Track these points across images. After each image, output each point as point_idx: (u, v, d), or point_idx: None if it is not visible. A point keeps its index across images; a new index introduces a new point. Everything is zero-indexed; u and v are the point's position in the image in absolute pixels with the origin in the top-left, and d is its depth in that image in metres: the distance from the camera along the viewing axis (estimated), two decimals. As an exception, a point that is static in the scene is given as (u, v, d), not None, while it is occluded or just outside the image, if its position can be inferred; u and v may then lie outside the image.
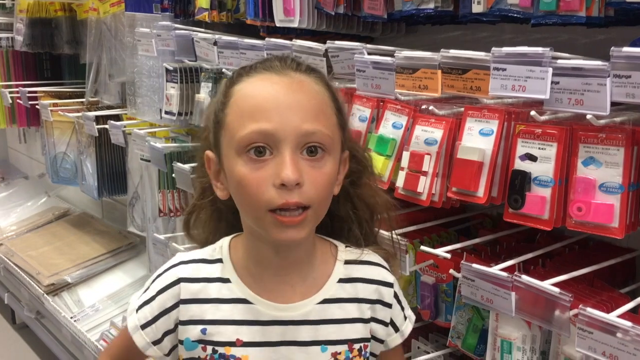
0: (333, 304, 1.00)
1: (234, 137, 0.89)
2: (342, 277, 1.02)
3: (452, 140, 1.26)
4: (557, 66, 1.02)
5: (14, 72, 3.54)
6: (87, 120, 2.65)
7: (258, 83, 0.92)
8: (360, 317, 1.02)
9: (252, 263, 0.99)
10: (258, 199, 0.88)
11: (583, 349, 1.04)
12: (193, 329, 0.97)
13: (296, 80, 0.92)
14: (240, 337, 0.97)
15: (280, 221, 0.88)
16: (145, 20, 2.22)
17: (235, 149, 0.89)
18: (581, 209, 1.06)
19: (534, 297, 1.12)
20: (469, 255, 1.34)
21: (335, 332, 0.99)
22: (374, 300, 1.03)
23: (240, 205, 0.94)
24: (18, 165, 4.75)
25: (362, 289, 1.02)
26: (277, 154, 0.87)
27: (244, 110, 0.90)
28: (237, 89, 0.93)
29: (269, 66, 0.94)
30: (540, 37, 1.51)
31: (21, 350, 3.31)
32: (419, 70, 1.25)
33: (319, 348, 0.98)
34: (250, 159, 0.88)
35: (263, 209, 0.88)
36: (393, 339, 1.08)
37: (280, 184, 0.86)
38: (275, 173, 0.87)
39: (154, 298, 0.99)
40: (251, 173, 0.88)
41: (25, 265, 3.17)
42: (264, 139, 0.87)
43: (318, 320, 0.99)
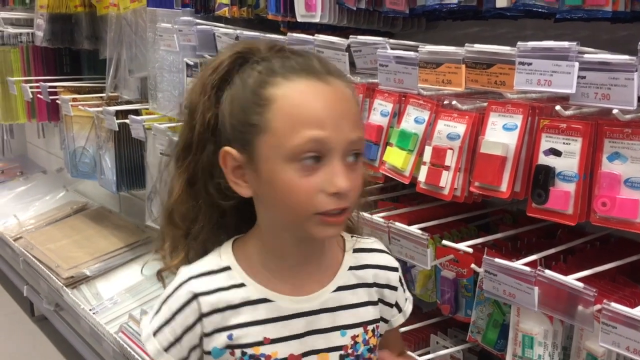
0: (346, 291, 1.03)
1: (284, 144, 0.89)
2: (352, 265, 1.06)
3: (474, 135, 1.26)
4: (583, 60, 1.02)
5: (34, 67, 3.57)
6: (108, 115, 2.68)
7: (306, 90, 0.91)
8: (370, 300, 1.06)
9: (269, 259, 1.00)
10: (307, 204, 0.90)
11: (607, 343, 1.04)
12: (219, 337, 0.98)
13: (338, 87, 0.94)
14: (267, 335, 0.98)
15: (326, 222, 0.91)
16: (166, 15, 2.23)
17: (286, 156, 0.89)
18: (606, 204, 1.06)
19: (556, 292, 1.12)
20: (490, 250, 1.34)
21: (352, 317, 1.03)
22: (382, 284, 1.08)
23: (280, 207, 0.94)
24: (36, 159, 4.80)
25: (369, 275, 1.07)
26: (327, 162, 0.89)
27: (296, 118, 0.89)
28: (279, 93, 0.91)
29: (308, 68, 0.93)
30: (561, 34, 1.50)
31: (40, 342, 3.35)
32: (443, 64, 1.25)
33: (339, 333, 1.02)
34: (303, 167, 0.89)
35: (310, 212, 0.90)
36: (397, 319, 1.13)
37: (334, 193, 0.89)
38: (328, 181, 0.89)
39: (172, 318, 0.98)
40: (301, 180, 0.89)
41: (44, 258, 3.20)
42: (318, 147, 0.89)
43: (335, 307, 1.02)
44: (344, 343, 1.02)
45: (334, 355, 1.01)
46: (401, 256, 1.40)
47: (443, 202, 1.37)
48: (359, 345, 1.03)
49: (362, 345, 1.03)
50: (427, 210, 1.59)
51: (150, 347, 1.00)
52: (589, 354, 1.18)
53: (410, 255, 1.39)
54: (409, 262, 1.42)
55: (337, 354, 1.01)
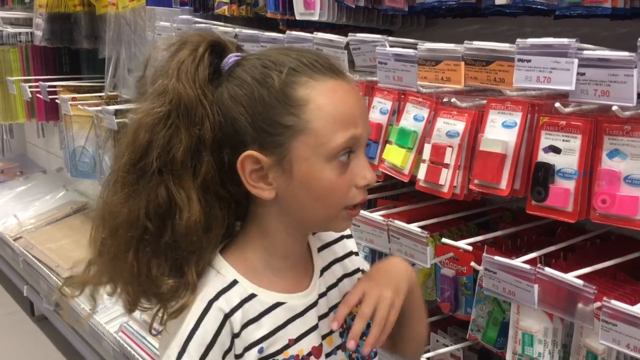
0: (326, 271, 1.08)
1: (325, 144, 0.89)
2: (319, 245, 1.09)
3: (474, 132, 1.26)
4: (583, 57, 1.02)
5: (33, 66, 3.57)
6: (107, 114, 2.67)
7: (335, 89, 0.92)
8: (345, 272, 1.10)
9: (274, 259, 0.99)
10: (343, 199, 0.93)
11: (607, 341, 1.04)
12: (249, 355, 0.95)
13: (353, 84, 0.97)
14: (290, 336, 0.99)
15: (352, 215, 0.96)
16: (165, 14, 2.23)
17: (327, 155, 0.90)
18: (605, 201, 1.06)
19: (556, 289, 1.12)
20: (490, 248, 1.34)
21: (338, 294, 1.07)
22: (348, 253, 1.12)
23: (311, 206, 0.93)
24: (36, 159, 4.80)
25: (337, 249, 1.11)
26: (354, 157, 0.93)
27: (336, 118, 0.90)
28: (311, 95, 0.90)
29: (328, 67, 0.93)
30: (560, 31, 1.50)
31: (40, 342, 3.35)
32: (442, 62, 1.25)
33: (333, 313, 1.05)
34: (339, 164, 0.91)
35: (341, 207, 0.94)
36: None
37: (365, 185, 0.93)
38: (359, 174, 0.92)
39: (210, 348, 0.91)
40: (339, 178, 0.92)
41: (44, 258, 3.20)
42: (353, 143, 0.92)
43: (325, 291, 1.06)
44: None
45: (335, 334, 1.05)
46: (401, 254, 1.40)
47: (442, 200, 1.37)
48: (349, 320, 1.04)
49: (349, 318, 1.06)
50: (426, 208, 1.59)
51: None
52: (589, 352, 1.18)
53: (409, 254, 1.39)
54: (409, 260, 1.42)
55: (337, 333, 1.05)
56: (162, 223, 0.91)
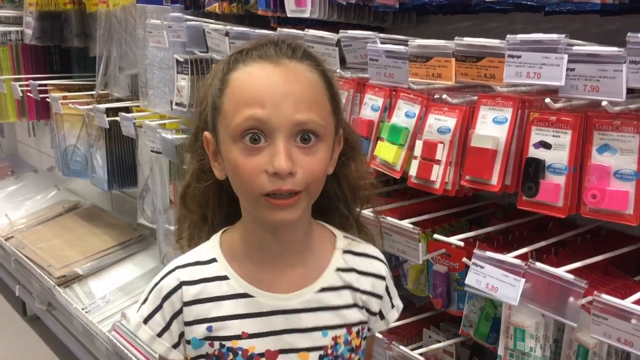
0: (331, 292, 1.04)
1: (229, 124, 0.92)
2: (340, 266, 1.05)
3: (465, 128, 1.26)
4: (572, 53, 1.02)
5: (23, 65, 3.55)
6: (98, 112, 2.66)
7: (254, 72, 0.93)
8: (355, 303, 1.06)
9: (251, 249, 1.01)
10: (252, 184, 0.91)
11: (598, 335, 1.05)
12: (198, 328, 1.00)
13: (291, 69, 0.93)
14: (245, 330, 0.99)
15: (272, 204, 0.92)
16: (155, 12, 2.22)
17: (231, 135, 0.92)
18: (596, 196, 1.06)
19: (547, 284, 1.12)
20: (481, 243, 1.34)
21: (335, 318, 1.03)
22: (367, 292, 1.07)
23: (236, 188, 0.98)
24: (27, 158, 4.78)
25: (356, 279, 1.06)
26: (271, 143, 0.90)
27: (239, 99, 0.92)
28: (233, 77, 0.94)
29: (264, 54, 0.95)
30: (551, 27, 1.51)
31: (33, 341, 3.34)
32: (433, 58, 1.25)
33: (320, 333, 1.02)
34: (245, 146, 0.91)
35: (257, 194, 0.92)
36: (378, 326, 1.13)
37: (273, 173, 0.89)
38: (269, 161, 0.90)
39: (161, 306, 1.01)
40: (245, 160, 0.91)
41: (36, 258, 3.19)
42: (258, 125, 0.90)
43: (317, 308, 1.02)
44: (325, 343, 1.02)
45: (314, 354, 1.02)
46: (393, 251, 1.40)
47: (434, 196, 1.37)
48: (340, 346, 1.04)
49: (343, 346, 1.04)
50: (418, 205, 1.59)
51: (143, 334, 1.02)
52: (581, 346, 1.18)
53: (401, 250, 1.39)
54: (401, 256, 1.42)
55: (317, 354, 1.02)
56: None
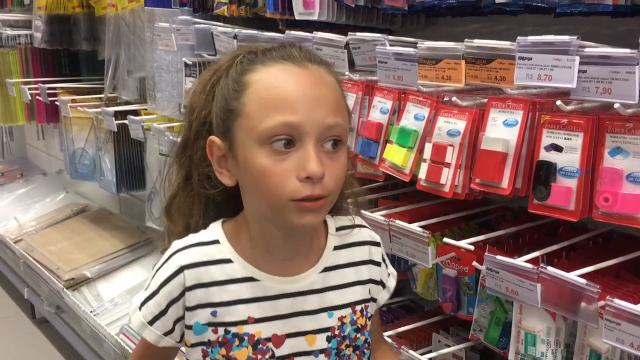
0: (332, 271, 1.04)
1: (256, 127, 0.89)
2: (337, 244, 1.06)
3: (475, 131, 1.25)
4: (584, 54, 1.01)
5: (32, 69, 3.56)
6: (107, 115, 2.67)
7: (280, 74, 0.91)
8: (358, 279, 1.06)
9: (257, 248, 1.00)
10: (281, 190, 0.89)
11: (611, 340, 1.03)
12: (202, 313, 0.98)
13: (315, 72, 0.93)
14: (251, 314, 0.98)
15: (301, 208, 0.90)
16: (164, 15, 2.22)
17: (258, 139, 0.89)
18: (608, 200, 1.05)
19: (559, 288, 1.11)
20: (492, 247, 1.33)
21: (339, 298, 1.03)
22: (366, 260, 1.07)
23: (256, 194, 0.94)
24: (36, 161, 4.80)
25: (356, 252, 1.07)
26: (301, 147, 0.89)
27: (268, 101, 0.90)
28: (254, 78, 0.92)
29: (286, 55, 0.94)
30: (561, 29, 1.49)
31: (41, 344, 3.34)
32: (442, 60, 1.24)
33: (326, 314, 1.02)
34: (274, 151, 0.89)
35: (286, 199, 0.89)
36: (382, 296, 1.12)
37: (305, 177, 0.88)
38: (300, 166, 0.88)
39: (157, 292, 0.99)
40: (274, 165, 0.89)
41: (45, 260, 3.20)
42: (290, 131, 0.88)
43: (322, 289, 1.02)
44: (331, 324, 1.02)
45: (321, 336, 1.02)
46: (402, 254, 1.40)
47: (444, 199, 1.36)
48: (346, 326, 1.04)
49: (349, 326, 1.04)
50: (427, 208, 1.58)
51: (135, 319, 1.01)
52: (593, 351, 1.17)
53: (411, 254, 1.38)
54: (410, 260, 1.41)
55: (324, 335, 1.02)
56: None
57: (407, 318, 1.82)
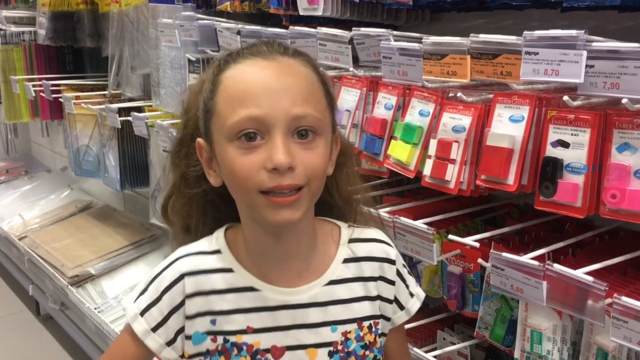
0: (339, 285, 1.01)
1: (224, 124, 0.90)
2: (347, 257, 1.03)
3: (480, 127, 1.24)
4: (591, 49, 1.00)
5: (36, 65, 3.57)
6: (110, 112, 2.66)
7: (246, 69, 0.92)
8: (367, 295, 1.03)
9: (253, 252, 0.99)
10: (249, 182, 0.88)
11: (618, 338, 1.02)
12: (201, 321, 0.97)
13: (285, 64, 0.92)
14: (251, 324, 0.97)
15: (273, 202, 0.89)
16: (167, 11, 2.22)
17: (226, 135, 0.90)
18: (615, 196, 1.04)
19: (566, 286, 1.10)
20: (497, 244, 1.32)
21: (344, 312, 1.01)
22: (376, 277, 1.04)
23: (233, 190, 0.94)
24: (41, 158, 4.81)
25: (366, 268, 1.04)
26: (268, 139, 0.88)
27: (233, 96, 0.90)
28: (225, 76, 0.93)
29: (256, 51, 0.94)
30: (567, 24, 1.47)
31: (46, 341, 3.35)
32: (448, 55, 1.23)
33: (329, 328, 1.00)
34: (242, 145, 0.89)
35: (254, 191, 0.89)
36: (399, 317, 1.09)
37: (272, 168, 0.87)
38: (267, 157, 0.87)
39: (160, 298, 0.97)
40: (242, 158, 0.89)
41: (49, 257, 3.20)
42: (255, 124, 0.88)
43: (326, 302, 1.00)
44: (334, 339, 1.00)
45: (323, 351, 0.99)
46: (407, 251, 1.39)
47: (449, 196, 1.35)
48: (351, 342, 1.01)
49: (355, 342, 1.01)
50: (432, 205, 1.57)
51: (138, 327, 0.98)
52: (600, 349, 1.16)
53: (416, 251, 1.37)
54: (415, 257, 1.40)
55: (325, 350, 0.99)
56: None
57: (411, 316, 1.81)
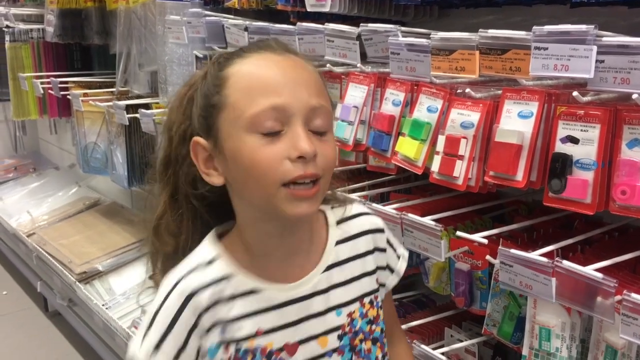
0: (336, 268, 1.02)
1: (242, 115, 0.88)
2: (339, 239, 1.03)
3: (489, 123, 1.23)
4: (601, 44, 0.99)
5: (45, 63, 3.58)
6: (118, 109, 2.67)
7: (260, 61, 0.92)
8: (365, 271, 1.04)
9: (255, 252, 0.97)
10: (272, 173, 0.87)
11: (628, 335, 1.02)
12: (213, 333, 0.95)
13: (295, 59, 0.94)
14: (260, 326, 0.96)
15: (295, 195, 0.88)
16: (175, 8, 2.22)
17: (245, 126, 0.88)
18: (625, 193, 1.03)
19: (575, 283, 1.09)
20: (505, 241, 1.31)
21: (345, 294, 1.01)
22: (371, 250, 1.06)
23: (247, 185, 0.91)
24: (49, 156, 4.82)
25: (361, 244, 1.05)
26: (289, 129, 0.88)
27: (252, 87, 0.89)
28: (233, 71, 0.92)
29: (263, 45, 0.94)
30: (577, 20, 1.46)
31: (54, 337, 3.36)
32: (456, 51, 1.22)
33: (334, 313, 1.00)
34: (263, 136, 0.88)
35: (277, 184, 0.87)
36: (391, 281, 1.10)
37: (297, 157, 0.87)
38: (291, 146, 0.87)
39: (172, 327, 0.93)
40: (264, 149, 0.87)
41: (58, 254, 3.21)
42: (277, 113, 0.88)
43: (326, 288, 1.00)
44: (341, 322, 1.00)
45: (332, 336, 1.00)
46: (414, 248, 1.38)
47: (457, 192, 1.35)
48: (357, 321, 1.02)
49: (360, 320, 1.02)
50: (440, 201, 1.57)
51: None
52: (609, 347, 1.15)
53: (423, 247, 1.37)
54: (422, 254, 1.40)
55: (335, 335, 1.00)
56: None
57: (419, 312, 1.81)
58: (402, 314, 1.81)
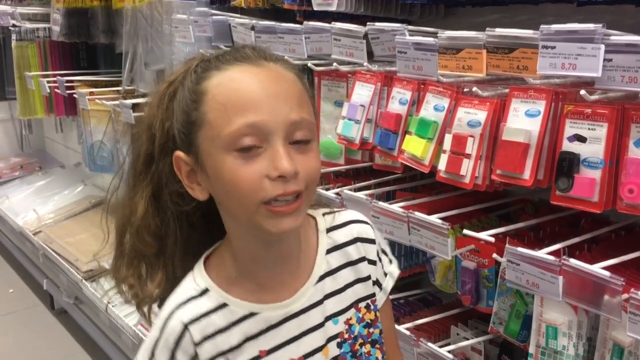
0: (329, 277, 1.01)
1: (220, 134, 0.86)
2: (329, 247, 1.02)
3: (496, 122, 1.24)
4: (609, 43, 0.99)
5: (51, 62, 3.59)
6: (124, 108, 2.68)
7: (237, 75, 0.88)
8: (357, 277, 1.03)
9: (245, 259, 0.96)
10: (253, 193, 0.85)
11: (635, 333, 1.02)
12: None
13: (272, 69, 0.90)
14: (262, 347, 0.95)
15: (275, 212, 0.86)
16: (181, 7, 2.22)
17: (223, 146, 0.86)
18: (633, 191, 1.03)
19: (582, 281, 1.10)
20: (512, 240, 1.32)
21: (339, 303, 1.01)
22: (361, 258, 1.04)
23: (229, 203, 0.90)
24: (55, 154, 4.84)
25: (351, 251, 1.03)
26: (268, 147, 0.86)
27: (227, 105, 0.86)
28: (211, 85, 0.88)
29: (240, 57, 0.91)
30: (583, 19, 1.46)
31: (60, 335, 3.38)
32: (463, 50, 1.22)
33: (331, 322, 1.00)
34: (241, 155, 0.85)
35: (257, 203, 0.86)
36: (379, 298, 1.07)
37: (277, 176, 0.85)
38: (271, 165, 0.85)
39: (173, 356, 0.93)
40: (243, 168, 0.85)
41: (64, 252, 3.23)
42: (255, 131, 0.85)
43: (321, 299, 0.99)
44: (339, 330, 1.00)
45: (332, 344, 1.00)
46: (421, 246, 1.39)
47: (463, 191, 1.35)
48: (354, 326, 1.02)
49: (357, 325, 1.02)
50: (447, 200, 1.57)
51: None
52: (616, 345, 1.15)
53: (430, 246, 1.37)
54: (429, 252, 1.40)
55: (334, 343, 1.00)
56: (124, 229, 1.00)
57: (425, 311, 1.81)
58: (409, 312, 1.81)
